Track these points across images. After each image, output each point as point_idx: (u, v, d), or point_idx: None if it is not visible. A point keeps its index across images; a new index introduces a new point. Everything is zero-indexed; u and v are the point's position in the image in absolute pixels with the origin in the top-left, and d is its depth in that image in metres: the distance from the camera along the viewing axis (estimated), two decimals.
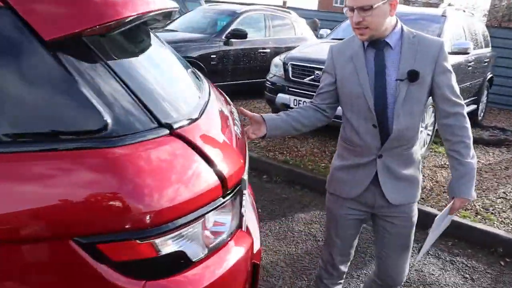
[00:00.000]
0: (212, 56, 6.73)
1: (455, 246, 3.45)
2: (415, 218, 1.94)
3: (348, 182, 1.92)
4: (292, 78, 5.12)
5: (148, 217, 1.00)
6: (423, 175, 4.66)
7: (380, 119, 1.76)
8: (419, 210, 1.87)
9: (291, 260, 3.17)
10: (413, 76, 1.69)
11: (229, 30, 7.04)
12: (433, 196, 4.15)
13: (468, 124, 1.78)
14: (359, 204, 1.93)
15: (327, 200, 2.06)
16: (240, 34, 6.97)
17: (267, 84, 5.54)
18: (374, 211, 1.94)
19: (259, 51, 7.47)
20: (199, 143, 1.20)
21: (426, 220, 3.25)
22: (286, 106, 5.13)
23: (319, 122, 1.97)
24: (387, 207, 1.88)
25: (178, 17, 8.38)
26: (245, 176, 1.40)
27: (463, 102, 1.79)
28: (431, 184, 4.44)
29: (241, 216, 1.35)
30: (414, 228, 1.95)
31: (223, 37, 6.96)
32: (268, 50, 7.59)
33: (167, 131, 1.15)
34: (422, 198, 4.07)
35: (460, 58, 5.46)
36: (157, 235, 1.02)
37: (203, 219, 1.12)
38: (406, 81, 1.70)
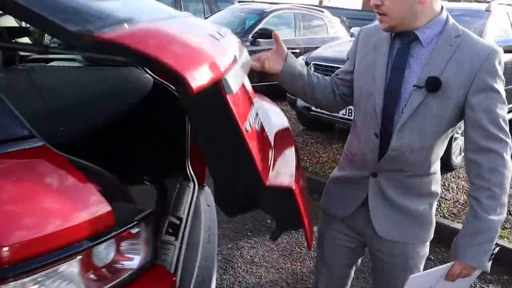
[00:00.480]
0: None
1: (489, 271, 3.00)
2: (416, 264, 1.55)
3: (339, 198, 1.60)
4: None
5: None
6: (457, 187, 4.18)
7: (384, 129, 1.41)
8: (448, 227, 1.48)
9: (294, 279, 2.86)
10: (431, 84, 1.31)
11: (256, 29, 6.80)
12: (466, 212, 3.68)
13: (507, 170, 1.32)
14: (348, 229, 1.61)
15: (319, 218, 1.75)
16: (267, 34, 6.69)
17: None
18: (366, 241, 1.60)
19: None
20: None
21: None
22: (307, 110, 4.81)
23: (329, 106, 1.67)
24: (377, 239, 1.54)
25: (208, 17, 8.24)
26: (229, 76, 1.14)
27: (508, 138, 1.34)
28: (465, 198, 3.96)
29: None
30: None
31: (250, 37, 6.73)
32: (298, 51, 7.25)
33: (40, 143, 0.89)
34: (453, 214, 3.62)
35: (506, 57, 4.93)
36: None
37: (79, 256, 0.86)
38: (424, 89, 1.33)
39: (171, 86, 2.14)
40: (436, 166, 1.49)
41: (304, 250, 3.17)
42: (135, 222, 0.95)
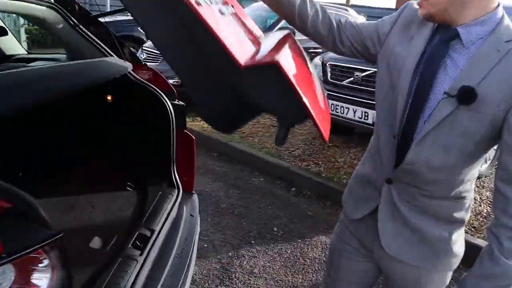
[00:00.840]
0: None
1: None
2: None
3: (355, 195, 1.45)
4: (330, 80, 4.58)
5: None
6: (480, 198, 3.89)
7: (405, 133, 1.22)
8: (467, 242, 1.28)
9: None
10: (464, 95, 1.09)
11: (276, 28, 6.63)
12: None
13: None
14: (358, 242, 1.45)
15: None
16: None
17: None
18: (375, 257, 1.43)
19: (310, 51, 6.93)
20: None
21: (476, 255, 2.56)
22: None
23: (323, 47, 1.43)
24: (385, 256, 1.36)
25: None
26: None
27: None
28: (488, 210, 3.67)
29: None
30: None
31: None
32: (320, 50, 7.04)
33: None
34: (474, 227, 3.35)
35: None
36: None
37: None
38: (455, 99, 1.10)
39: (155, 88, 2.02)
40: (464, 191, 1.25)
41: (308, 262, 3.00)
42: (34, 247, 0.83)
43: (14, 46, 2.35)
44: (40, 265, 0.87)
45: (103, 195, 1.98)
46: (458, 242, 1.32)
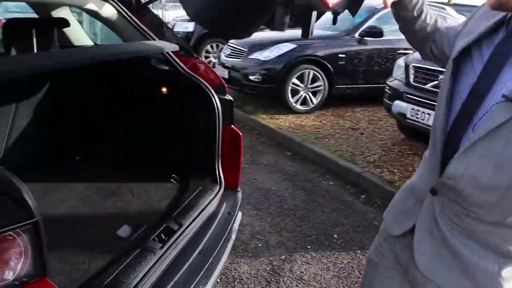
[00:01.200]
0: (340, 55, 6.16)
1: None
2: None
3: (397, 209, 1.29)
4: (412, 83, 4.25)
5: None
6: None
7: (449, 142, 1.06)
8: None
9: None
10: None
11: (363, 27, 6.36)
12: None
13: None
14: (394, 257, 1.29)
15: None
16: (375, 32, 6.22)
17: (386, 89, 4.75)
18: (410, 278, 1.25)
19: (399, 52, 6.56)
20: None
21: None
22: (402, 116, 4.30)
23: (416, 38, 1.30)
24: (420, 278, 1.18)
25: None
26: None
27: None
28: None
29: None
30: None
31: (357, 35, 6.33)
32: (411, 52, 6.63)
33: None
34: None
35: None
36: None
37: None
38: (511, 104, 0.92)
39: (203, 81, 2.01)
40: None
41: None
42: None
43: (82, 37, 2.52)
44: (13, 248, 0.87)
45: (146, 184, 2.02)
46: (509, 278, 1.08)
